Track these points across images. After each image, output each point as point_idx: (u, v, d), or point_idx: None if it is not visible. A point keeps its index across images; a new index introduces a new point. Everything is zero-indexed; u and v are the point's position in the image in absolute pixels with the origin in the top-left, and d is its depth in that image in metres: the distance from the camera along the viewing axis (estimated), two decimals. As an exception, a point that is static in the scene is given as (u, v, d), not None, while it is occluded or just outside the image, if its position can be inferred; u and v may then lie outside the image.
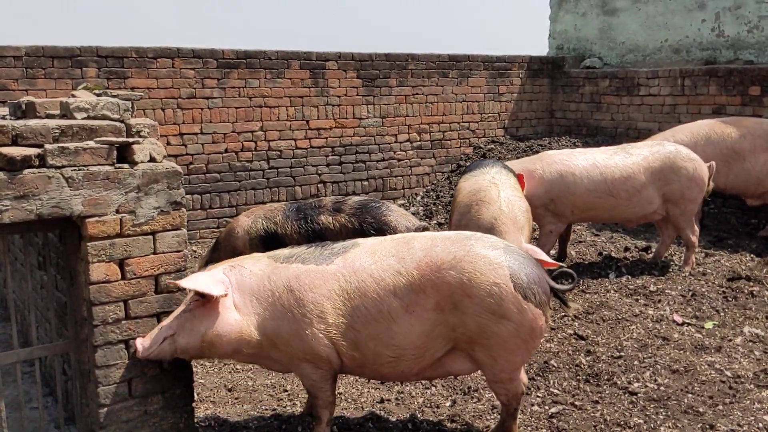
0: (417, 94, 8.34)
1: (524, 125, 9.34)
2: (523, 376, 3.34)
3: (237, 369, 4.46)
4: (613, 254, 6.53)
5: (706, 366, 4.23)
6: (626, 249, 6.67)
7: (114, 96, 3.16)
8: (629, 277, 5.91)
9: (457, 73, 8.64)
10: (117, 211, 2.97)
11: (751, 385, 3.99)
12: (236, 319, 3.04)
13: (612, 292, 5.60)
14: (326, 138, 7.75)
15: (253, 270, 3.12)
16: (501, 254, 3.07)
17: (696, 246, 6.09)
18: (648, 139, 6.92)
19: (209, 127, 7.11)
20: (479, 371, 3.31)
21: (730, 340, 4.69)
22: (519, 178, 5.62)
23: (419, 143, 8.43)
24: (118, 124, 3.05)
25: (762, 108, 7.24)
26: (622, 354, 4.43)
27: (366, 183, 8.05)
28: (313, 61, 7.59)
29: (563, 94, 9.28)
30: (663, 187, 5.81)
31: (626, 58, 8.99)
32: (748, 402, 3.80)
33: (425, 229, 5.29)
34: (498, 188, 4.94)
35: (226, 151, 7.21)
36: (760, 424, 3.56)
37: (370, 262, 3.07)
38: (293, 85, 7.49)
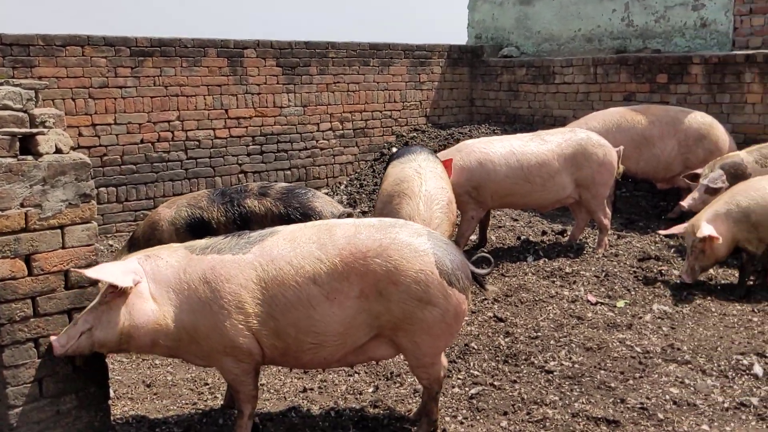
0: (338, 82, 8.32)
1: (446, 113, 9.46)
2: (443, 360, 3.41)
3: (156, 364, 4.36)
4: (531, 238, 6.72)
5: (618, 343, 4.41)
6: (543, 233, 6.87)
7: (17, 85, 3.01)
8: (546, 259, 6.09)
9: (378, 62, 8.65)
10: (21, 205, 2.85)
11: (659, 360, 4.19)
12: (153, 309, 2.96)
13: (530, 274, 5.76)
14: (246, 127, 7.64)
15: (169, 261, 3.05)
16: (426, 241, 3.11)
17: (608, 228, 6.33)
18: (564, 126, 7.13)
19: (123, 117, 6.90)
20: (401, 356, 3.36)
21: (640, 318, 4.91)
22: (446, 164, 5.71)
23: (342, 132, 8.42)
24: (20, 114, 2.92)
25: (669, 95, 7.57)
26: (539, 334, 4.57)
27: (288, 172, 7.99)
28: (231, 49, 7.46)
29: (482, 83, 9.44)
30: (575, 172, 6.01)
31: (542, 47, 9.22)
32: (656, 376, 3.99)
33: (349, 215, 5.31)
34: (421, 179, 4.98)
35: (141, 141, 7.01)
36: (667, 396, 3.75)
37: (289, 249, 3.05)
38: (211, 74, 7.34)
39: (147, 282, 2.98)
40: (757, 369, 4.03)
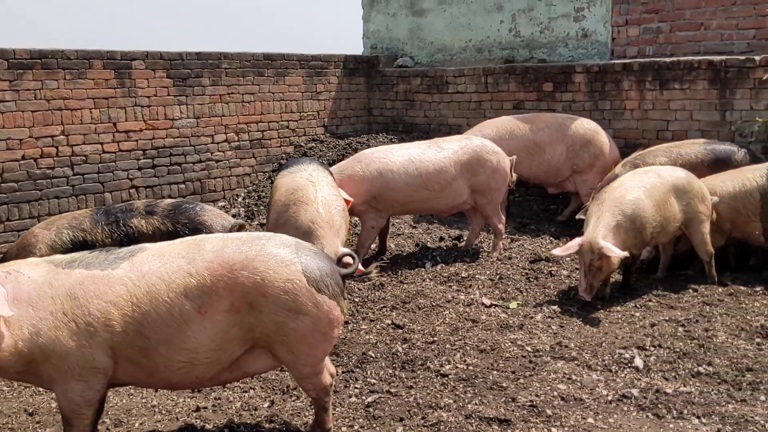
0: (232, 93, 8.19)
1: (344, 123, 9.49)
2: (330, 368, 3.41)
3: (39, 391, 4.14)
4: (429, 244, 6.83)
5: (510, 343, 4.55)
6: (441, 239, 7.00)
7: None
8: (443, 265, 6.21)
9: (273, 72, 8.59)
10: None
11: (548, 358, 4.34)
12: (1, 332, 2.82)
13: (428, 280, 5.85)
14: (136, 141, 7.39)
15: (31, 276, 2.91)
16: (292, 251, 3.12)
17: (503, 232, 6.52)
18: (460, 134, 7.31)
19: (2, 133, 6.52)
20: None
21: (532, 318, 5.07)
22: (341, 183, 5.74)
23: (238, 143, 8.29)
24: None
25: (555, 102, 7.89)
26: (436, 339, 4.64)
27: (183, 186, 7.78)
28: (118, 61, 7.21)
29: (379, 93, 9.54)
30: (471, 178, 6.17)
31: (435, 58, 9.41)
32: (545, 373, 4.13)
33: (241, 227, 5.24)
34: (315, 187, 4.99)
35: (23, 158, 6.65)
36: (555, 393, 3.89)
37: (159, 264, 2.98)
38: (97, 86, 7.06)
39: (3, 301, 2.83)
40: (638, 362, 4.25)
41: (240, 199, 8.20)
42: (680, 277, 6.00)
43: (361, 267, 4.49)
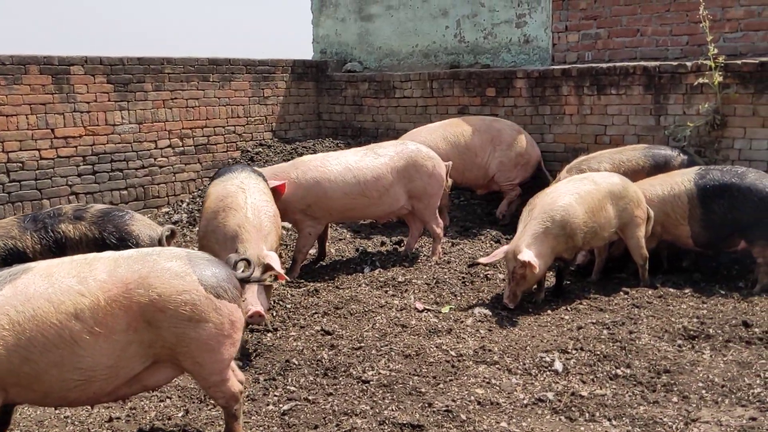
0: (176, 98, 8.13)
1: (292, 128, 9.47)
2: (239, 375, 3.42)
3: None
4: (370, 249, 6.84)
5: (435, 348, 4.57)
6: (382, 243, 7.02)
7: None
8: (381, 270, 6.22)
9: (218, 77, 8.54)
10: None
11: (470, 362, 4.38)
12: None
13: (363, 285, 5.86)
14: (76, 147, 7.30)
15: None
16: (185, 263, 3.13)
17: (441, 237, 6.56)
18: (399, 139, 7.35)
19: (-67, 139, 6.41)
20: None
21: (462, 322, 5.11)
22: (279, 188, 5.73)
23: (182, 148, 8.23)
24: None
25: (497, 107, 7.97)
26: (362, 345, 4.65)
27: (125, 192, 7.70)
28: (56, 66, 7.11)
29: (328, 97, 9.54)
30: (407, 184, 6.19)
31: (383, 63, 9.45)
32: (466, 378, 4.17)
33: (173, 232, 5.20)
34: (245, 193, 4.98)
35: (-45, 165, 6.53)
36: (472, 397, 3.92)
37: (46, 286, 2.93)
38: (33, 92, 6.95)
39: None
40: (558, 365, 4.30)
41: (184, 205, 8.14)
42: (614, 280, 6.10)
43: (281, 272, 4.53)
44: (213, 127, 8.54)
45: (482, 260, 5.60)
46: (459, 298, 5.64)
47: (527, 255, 5.16)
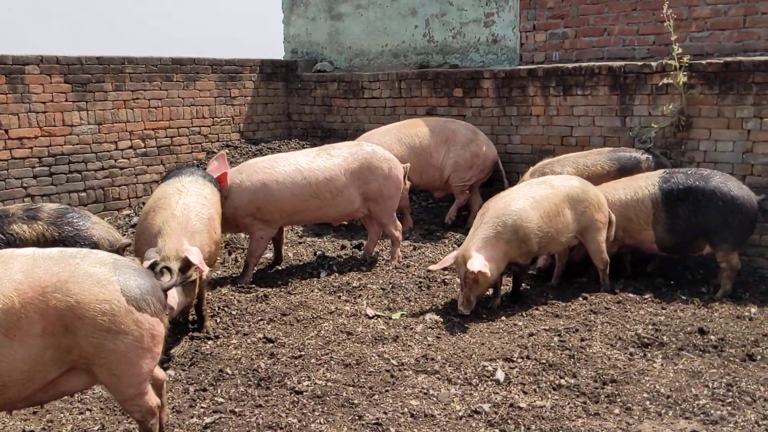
0: (138, 98, 7.96)
1: (261, 128, 9.31)
2: (161, 375, 3.29)
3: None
4: (329, 253, 6.69)
5: (377, 357, 4.42)
6: (342, 247, 6.86)
7: None
8: (338, 274, 6.07)
9: (183, 77, 8.38)
10: None
11: (411, 372, 4.23)
12: None
13: (316, 291, 5.71)
14: (31, 148, 7.13)
15: None
16: (109, 270, 2.98)
17: (400, 240, 6.41)
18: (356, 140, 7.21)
19: None
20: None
21: (412, 329, 4.96)
22: (220, 179, 5.58)
23: (144, 150, 8.06)
24: None
25: (465, 108, 7.82)
26: (303, 353, 4.50)
27: (83, 194, 7.53)
28: (9, 65, 6.93)
29: (298, 98, 9.38)
30: (362, 186, 6.04)
31: (353, 62, 9.29)
32: (402, 388, 4.02)
33: (128, 245, 5.06)
34: (180, 195, 4.83)
35: None
36: (406, 409, 3.77)
37: None
38: (-15, 92, 6.79)
39: None
40: (499, 374, 4.16)
41: (146, 208, 7.97)
42: (574, 285, 5.96)
43: (201, 265, 4.36)
44: (177, 128, 8.38)
45: (433, 267, 5.46)
46: (413, 303, 5.49)
47: (476, 261, 5.01)
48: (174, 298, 4.25)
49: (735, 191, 5.53)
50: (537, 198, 5.40)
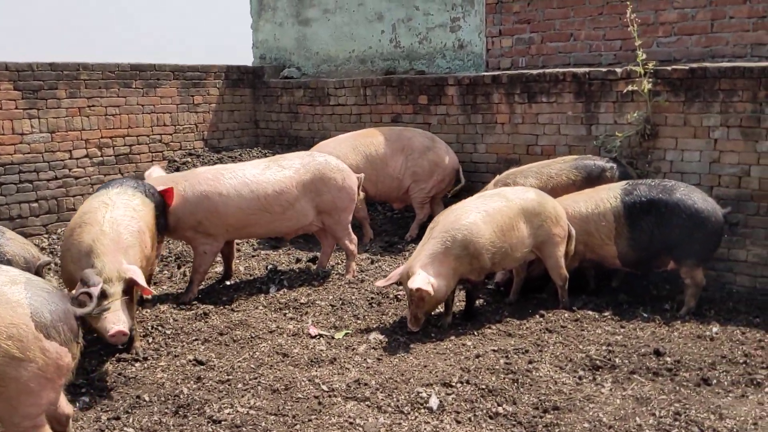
0: (94, 106, 7.72)
1: (227, 136, 9.07)
2: (66, 410, 3.07)
3: None
4: (283, 266, 6.43)
5: (307, 381, 4.16)
6: (297, 260, 6.61)
7: None
8: (287, 290, 5.83)
9: (142, 83, 8.14)
10: None
11: (340, 398, 3.97)
12: None
13: (261, 308, 5.46)
14: (-22, 157, 6.89)
15: None
16: (21, 290, 2.79)
17: (355, 254, 6.16)
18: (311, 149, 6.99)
19: None
20: None
21: (354, 349, 4.71)
22: (167, 192, 5.33)
23: (101, 159, 7.81)
24: None
25: (430, 115, 7.57)
26: (231, 378, 4.24)
27: (35, 205, 7.28)
28: (-47, 72, 6.72)
29: (265, 105, 9.14)
30: (315, 198, 5.79)
31: (321, 69, 9.06)
32: (327, 417, 3.76)
33: (48, 264, 4.82)
34: (108, 209, 4.58)
35: None
36: (327, 441, 3.52)
37: None
38: (-73, 99, 6.56)
39: None
40: (433, 402, 3.90)
41: (101, 218, 7.72)
42: (533, 301, 5.70)
43: (145, 286, 4.16)
44: (136, 136, 8.13)
45: (380, 282, 5.20)
46: (361, 321, 5.24)
47: (417, 278, 4.76)
48: (126, 322, 4.06)
49: (699, 204, 5.27)
50: (490, 211, 5.15)
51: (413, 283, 4.76)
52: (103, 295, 4.13)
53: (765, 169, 5.59)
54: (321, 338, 4.91)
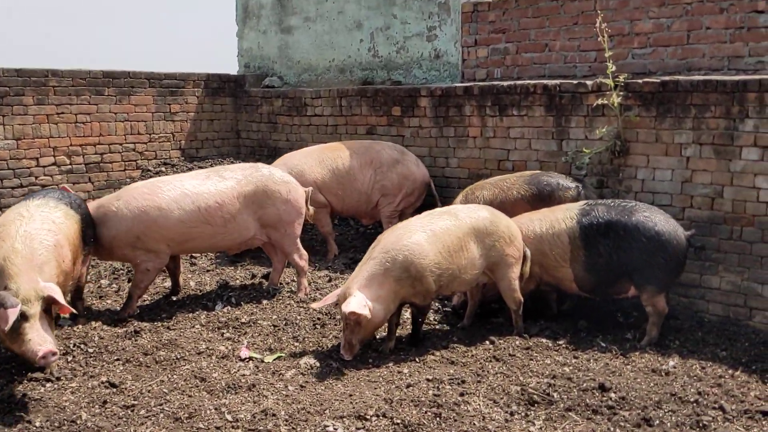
0: (63, 113, 7.60)
1: (205, 146, 8.90)
2: None
3: None
4: (235, 282, 6.19)
5: (213, 410, 3.90)
6: (253, 276, 6.37)
7: None
8: (231, 307, 5.59)
9: (115, 91, 8.01)
10: None
11: (240, 430, 3.71)
12: None
13: (198, 326, 5.23)
14: (-62, 164, 6.81)
15: None
16: None
17: (305, 270, 5.90)
18: (275, 163, 6.78)
19: None
20: None
21: (281, 374, 4.44)
22: None
23: (70, 167, 7.69)
24: None
25: (404, 128, 7.30)
26: (137, 403, 4.01)
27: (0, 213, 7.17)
28: None
29: (246, 114, 8.96)
30: (258, 211, 5.56)
31: (302, 78, 8.85)
32: (220, 451, 3.50)
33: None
34: (23, 222, 4.40)
35: None
36: (208, 479, 3.25)
37: None
38: None
39: None
40: (337, 437, 3.61)
41: (67, 227, 7.58)
42: (487, 326, 5.39)
43: (64, 304, 3.97)
44: (108, 144, 8.00)
45: (315, 304, 4.94)
46: (300, 343, 4.97)
47: (352, 301, 4.48)
48: (52, 342, 3.91)
49: (660, 226, 4.92)
50: (436, 231, 4.85)
51: (347, 306, 4.48)
52: (23, 317, 3.96)
53: (738, 190, 5.21)
54: (250, 361, 4.65)
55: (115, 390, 4.19)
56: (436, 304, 5.80)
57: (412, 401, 4.03)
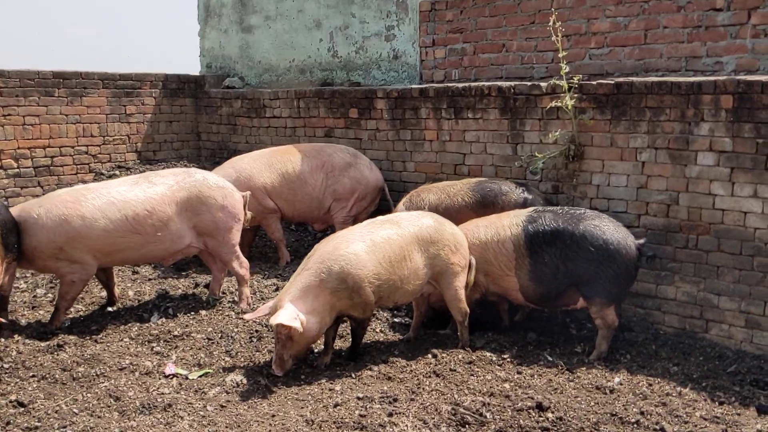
0: (9, 115, 7.35)
1: (164, 148, 8.65)
2: None
3: None
4: (177, 291, 5.93)
5: (118, 433, 3.66)
6: (196, 285, 6.11)
7: None
8: (166, 319, 5.34)
9: (66, 92, 7.76)
10: None
11: (142, 456, 3.46)
12: None
13: (127, 339, 4.97)
14: None
15: None
16: None
17: (246, 279, 5.65)
18: (223, 166, 6.54)
19: None
20: None
21: (203, 392, 4.20)
22: None
23: (17, 170, 7.44)
24: None
25: (361, 130, 7.07)
26: (40, 425, 3.76)
27: (-60, 218, 6.91)
28: None
29: (206, 115, 8.72)
30: (192, 218, 5.30)
31: (263, 78, 8.61)
32: (113, 481, 3.25)
33: None
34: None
35: None
36: None
37: None
38: None
39: None
40: (243, 465, 3.37)
41: (13, 233, 7.33)
42: (433, 339, 5.15)
43: None
44: (58, 147, 7.75)
45: (247, 316, 4.69)
46: (231, 358, 4.72)
47: (282, 314, 4.24)
48: None
49: (608, 235, 4.69)
50: (376, 240, 4.61)
51: (276, 319, 4.24)
52: None
53: (694, 196, 4.97)
54: (174, 378, 4.40)
55: (22, 410, 3.94)
56: (385, 314, 5.57)
57: (335, 422, 3.79)
